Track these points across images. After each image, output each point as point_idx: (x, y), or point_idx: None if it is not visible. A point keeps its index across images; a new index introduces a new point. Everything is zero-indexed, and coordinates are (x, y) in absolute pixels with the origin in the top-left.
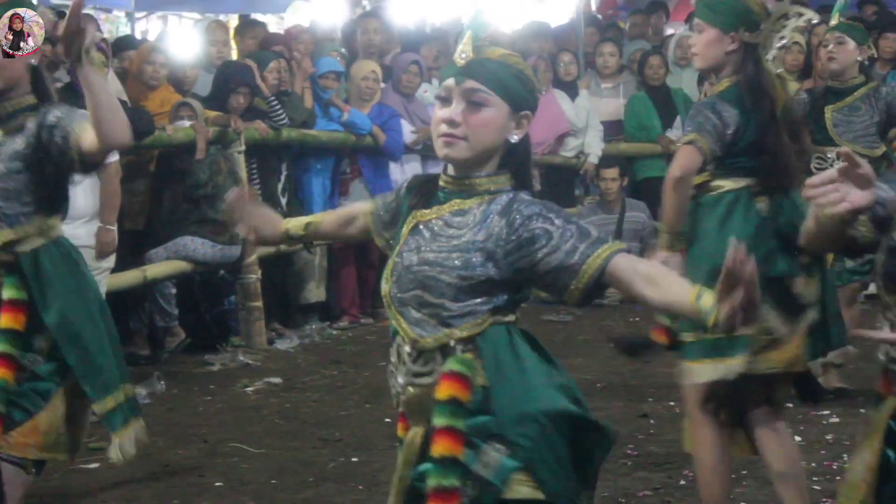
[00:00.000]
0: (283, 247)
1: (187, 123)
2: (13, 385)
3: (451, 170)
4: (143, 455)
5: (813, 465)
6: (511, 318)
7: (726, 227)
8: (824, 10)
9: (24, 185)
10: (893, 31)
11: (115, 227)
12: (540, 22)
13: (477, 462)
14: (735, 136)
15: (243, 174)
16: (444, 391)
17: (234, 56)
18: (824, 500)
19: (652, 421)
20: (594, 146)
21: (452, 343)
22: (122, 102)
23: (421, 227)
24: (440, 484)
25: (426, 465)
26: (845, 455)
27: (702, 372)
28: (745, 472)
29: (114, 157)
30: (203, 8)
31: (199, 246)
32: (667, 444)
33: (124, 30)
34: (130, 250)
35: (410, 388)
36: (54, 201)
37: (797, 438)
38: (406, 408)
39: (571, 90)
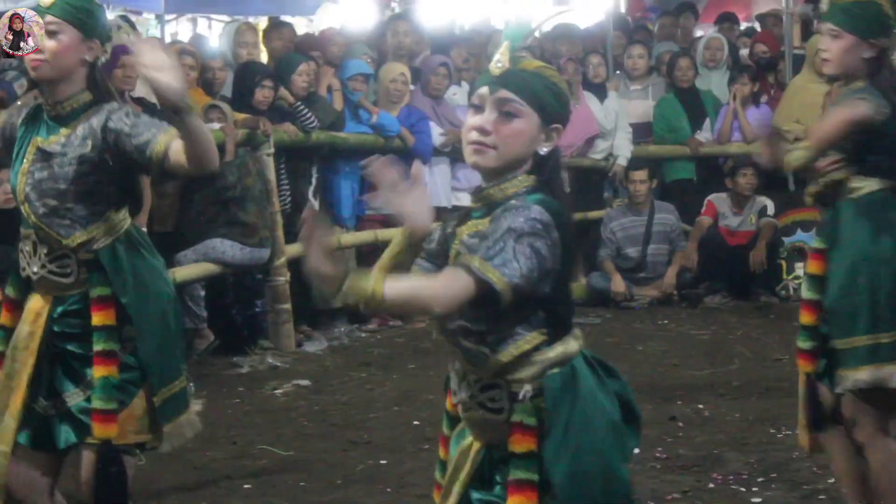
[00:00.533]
0: None
1: (217, 125)
2: (116, 379)
3: (481, 185)
4: (172, 457)
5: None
6: (569, 348)
7: (875, 229)
8: None
9: (94, 185)
10: None
11: (144, 229)
12: (568, 24)
13: None
14: (884, 126)
15: (272, 176)
16: (521, 445)
17: (264, 59)
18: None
19: (681, 424)
20: (623, 148)
21: (522, 394)
22: (151, 105)
23: (459, 252)
24: None
25: (487, 497)
26: None
27: (860, 378)
28: (773, 474)
29: None
30: (232, 10)
31: (228, 248)
32: (696, 446)
33: (154, 32)
34: (160, 252)
35: (476, 413)
36: (124, 196)
37: None
38: (468, 423)
39: (600, 92)
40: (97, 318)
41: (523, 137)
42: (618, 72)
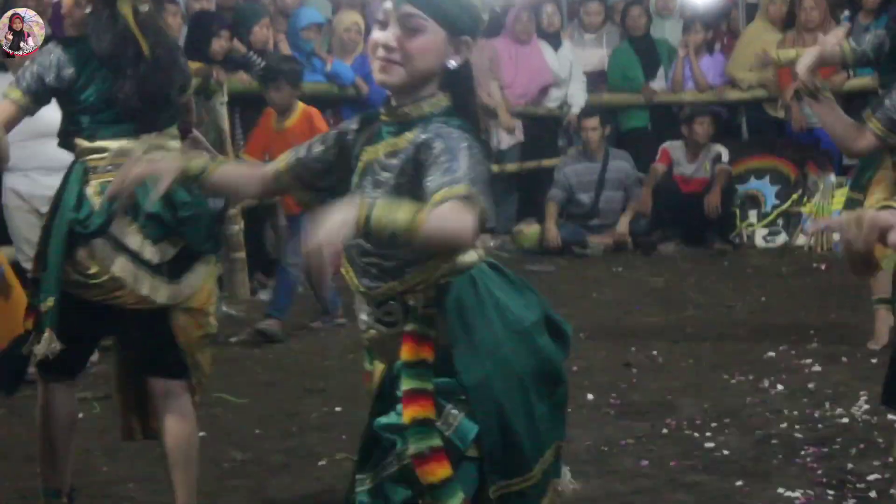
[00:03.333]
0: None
1: None
2: None
3: (391, 101)
4: None
5: (795, 413)
6: (471, 257)
7: None
8: None
9: None
10: None
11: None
12: None
13: (439, 421)
14: None
15: (226, 126)
16: (409, 353)
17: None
18: (806, 447)
19: (635, 370)
20: (577, 97)
21: (413, 302)
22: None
23: (368, 168)
24: (424, 448)
25: (390, 419)
26: (827, 403)
27: None
28: (727, 420)
29: None
30: None
31: None
32: (649, 393)
33: None
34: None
35: (374, 331)
36: None
37: (779, 387)
38: (370, 345)
39: (555, 41)
40: None
41: (429, 53)
42: (572, 20)
